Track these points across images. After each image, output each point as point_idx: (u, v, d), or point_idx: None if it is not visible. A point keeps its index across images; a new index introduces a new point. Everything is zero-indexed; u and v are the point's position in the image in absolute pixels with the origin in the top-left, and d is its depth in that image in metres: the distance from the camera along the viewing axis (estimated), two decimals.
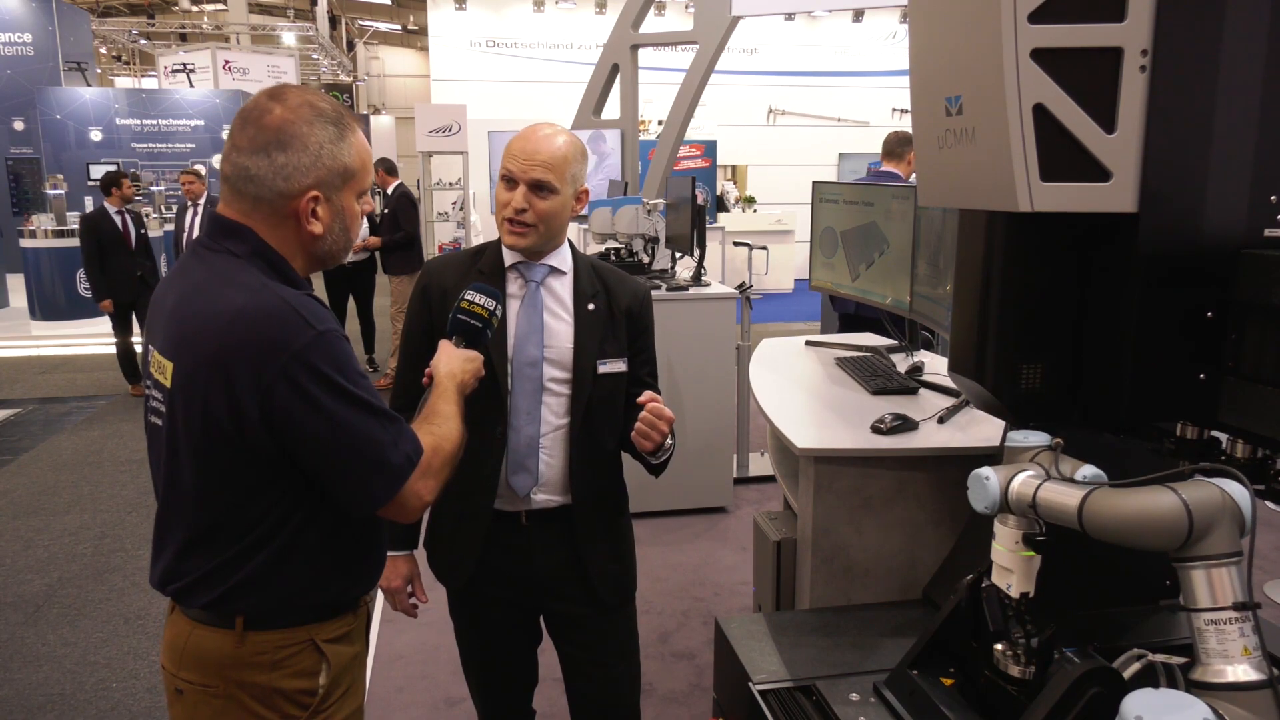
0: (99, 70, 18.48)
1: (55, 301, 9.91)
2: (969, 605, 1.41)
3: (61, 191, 10.20)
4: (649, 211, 4.46)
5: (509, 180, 1.77)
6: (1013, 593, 1.31)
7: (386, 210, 7.32)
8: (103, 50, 20.59)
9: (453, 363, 1.55)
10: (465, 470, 1.57)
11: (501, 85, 14.88)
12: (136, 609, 3.76)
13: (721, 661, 1.77)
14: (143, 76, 21.64)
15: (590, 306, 1.84)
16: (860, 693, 1.47)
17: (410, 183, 9.15)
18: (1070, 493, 1.21)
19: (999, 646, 1.33)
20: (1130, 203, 1.20)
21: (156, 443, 1.37)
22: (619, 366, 1.85)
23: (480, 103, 13.36)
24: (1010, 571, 1.31)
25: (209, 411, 1.25)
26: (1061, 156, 1.19)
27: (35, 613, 3.73)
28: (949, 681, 1.41)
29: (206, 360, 1.25)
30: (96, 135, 12.62)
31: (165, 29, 20.28)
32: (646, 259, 4.60)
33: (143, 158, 12.79)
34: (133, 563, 4.20)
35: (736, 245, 6.39)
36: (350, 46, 24.30)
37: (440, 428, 1.44)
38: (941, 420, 2.16)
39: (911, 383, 2.51)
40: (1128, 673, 1.25)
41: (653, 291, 2.36)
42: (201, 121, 13.05)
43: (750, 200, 14.04)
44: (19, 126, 13.00)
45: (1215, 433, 1.29)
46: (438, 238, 10.77)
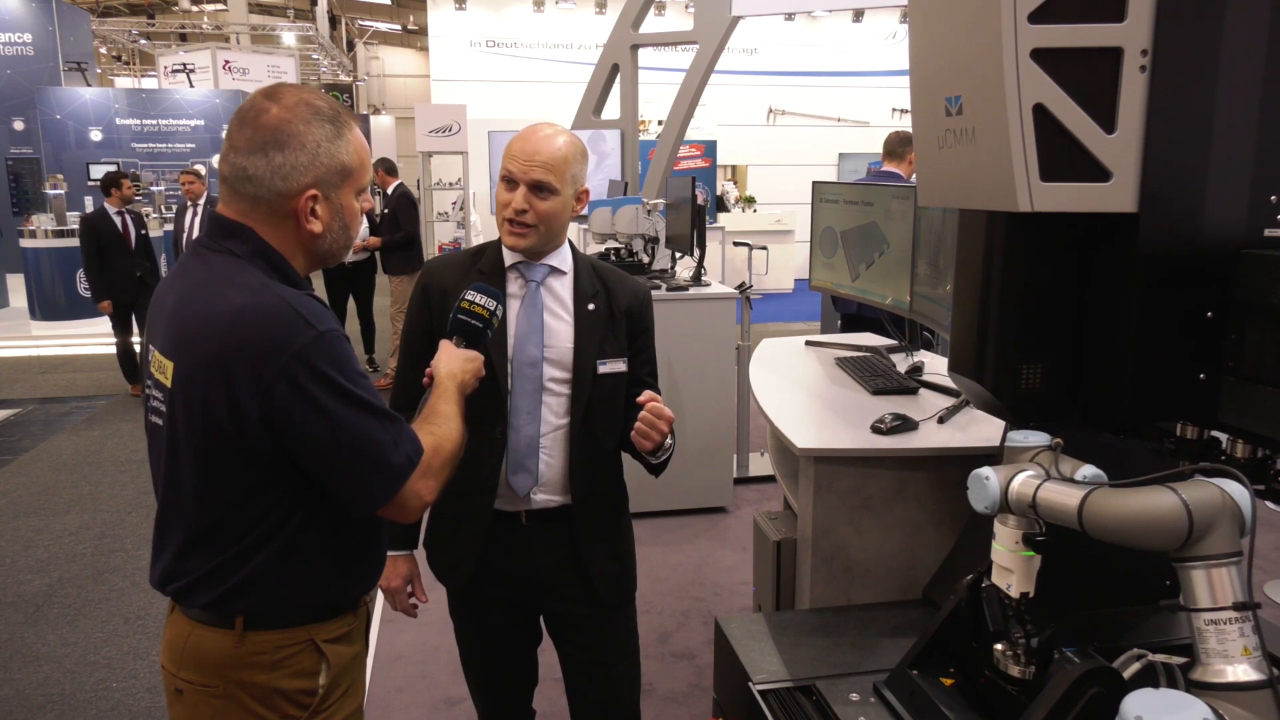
0: (99, 70, 18.48)
1: (55, 301, 9.91)
2: (969, 605, 1.41)
3: (61, 191, 10.20)
4: (649, 211, 4.46)
5: (509, 181, 1.77)
6: (1013, 593, 1.31)
7: (386, 210, 7.32)
8: (103, 50, 20.59)
9: (453, 363, 1.55)
10: (465, 470, 1.57)
11: (501, 85, 14.88)
12: (136, 609, 3.76)
13: (721, 661, 1.77)
14: (143, 76, 21.64)
15: (590, 306, 1.84)
16: (860, 693, 1.47)
17: (410, 183, 9.15)
18: (1070, 493, 1.21)
19: (999, 646, 1.33)
20: (1130, 203, 1.20)
21: (157, 443, 1.37)
22: (619, 366, 1.85)
23: (480, 103, 13.36)
24: (1010, 571, 1.31)
25: (209, 411, 1.25)
26: (1061, 156, 1.19)
27: (35, 613, 3.73)
28: (949, 681, 1.41)
29: (207, 360, 1.25)
30: (96, 135, 12.62)
31: (165, 29, 20.28)
32: (646, 259, 4.60)
33: (143, 158, 12.79)
34: (133, 563, 4.20)
35: (736, 245, 6.39)
36: (350, 46, 24.31)
37: (440, 428, 1.44)
38: (941, 420, 2.16)
39: (911, 383, 2.51)
40: (1128, 673, 1.25)
41: (653, 291, 2.36)
42: (201, 121, 13.05)
43: (750, 200, 14.04)
44: (19, 126, 13.00)
45: (1215, 433, 1.29)
46: (438, 238, 10.78)
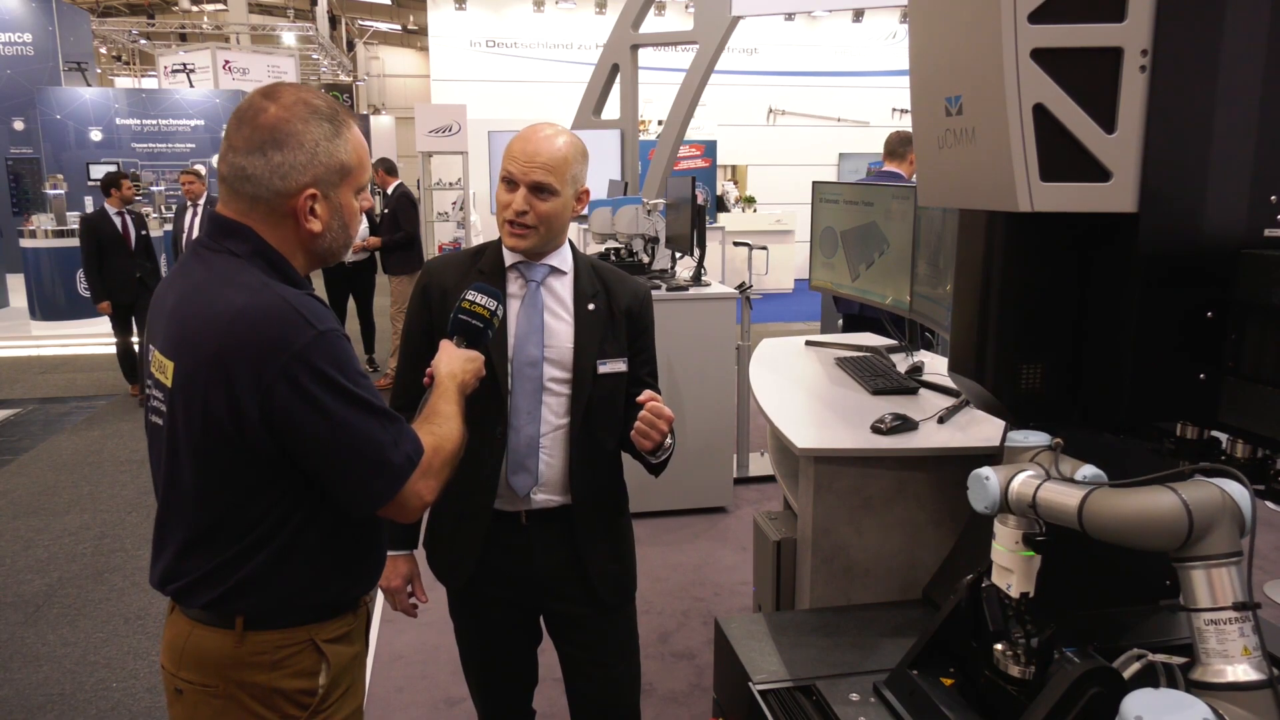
0: (99, 70, 18.48)
1: (55, 301, 9.91)
2: (969, 605, 1.40)
3: (61, 191, 10.20)
4: (649, 211, 4.46)
5: (509, 182, 1.77)
6: (1013, 593, 1.31)
7: (386, 210, 7.32)
8: (103, 50, 20.59)
9: (454, 363, 1.55)
10: (465, 470, 1.57)
11: (501, 85, 14.88)
12: (136, 609, 3.76)
13: (721, 661, 1.77)
14: (143, 76, 21.64)
15: (590, 306, 1.84)
16: (860, 693, 1.47)
17: (410, 183, 9.15)
18: (1070, 493, 1.21)
19: (999, 646, 1.33)
20: (1130, 203, 1.20)
21: (157, 442, 1.37)
22: (619, 366, 1.85)
23: (480, 103, 13.36)
24: (1010, 571, 1.31)
25: (209, 411, 1.25)
26: (1061, 156, 1.19)
27: (35, 613, 3.73)
28: (949, 681, 1.41)
29: (207, 360, 1.25)
30: (96, 135, 12.62)
31: (165, 29, 20.28)
32: (646, 259, 4.60)
33: (143, 158, 12.79)
34: (133, 563, 4.20)
35: (736, 245, 6.39)
36: (350, 46, 24.31)
37: (441, 428, 1.44)
38: (941, 420, 2.16)
39: (911, 383, 2.51)
40: (1128, 673, 1.25)
41: (653, 291, 2.36)
42: (201, 121, 13.05)
43: (750, 200, 14.04)
44: (19, 126, 13.00)
45: (1215, 433, 1.29)
46: (438, 238, 10.78)
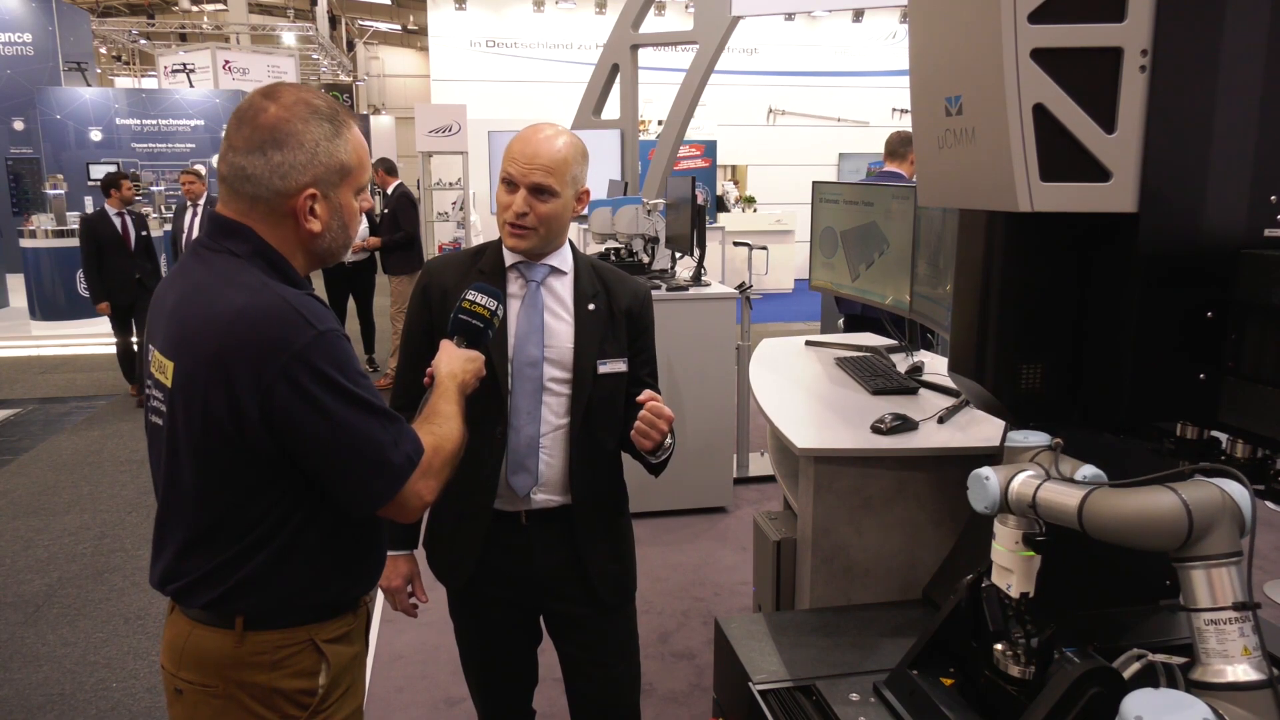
0: (99, 70, 18.48)
1: (55, 301, 9.91)
2: (969, 605, 1.41)
3: (61, 191, 10.19)
4: (649, 211, 4.46)
5: (509, 183, 1.77)
6: (1013, 593, 1.31)
7: (386, 210, 7.32)
8: (103, 50, 20.59)
9: (454, 362, 1.55)
10: (465, 470, 1.57)
11: (501, 85, 14.88)
12: (136, 609, 3.76)
13: (721, 661, 1.77)
14: (143, 76, 21.64)
15: (590, 306, 1.84)
16: (860, 693, 1.47)
17: (410, 183, 9.15)
18: (1070, 493, 1.21)
19: (999, 646, 1.33)
20: (1130, 203, 1.20)
21: (157, 442, 1.37)
22: (619, 366, 1.85)
23: (480, 103, 13.36)
24: (1010, 571, 1.31)
25: (209, 411, 1.25)
26: (1061, 156, 1.19)
27: (35, 613, 3.73)
28: (949, 681, 1.41)
29: (207, 360, 1.25)
30: (96, 135, 12.61)
31: (165, 29, 20.27)
32: (646, 259, 4.60)
33: (143, 158, 12.78)
34: (133, 563, 4.20)
35: (736, 245, 6.39)
36: (350, 46, 24.30)
37: (441, 428, 1.44)
38: (941, 420, 2.16)
39: (911, 383, 2.51)
40: (1128, 673, 1.25)
41: (653, 291, 2.36)
42: (201, 121, 13.05)
43: (750, 200, 14.04)
44: (19, 126, 12.99)
45: (1215, 433, 1.29)
46: (438, 238, 10.78)
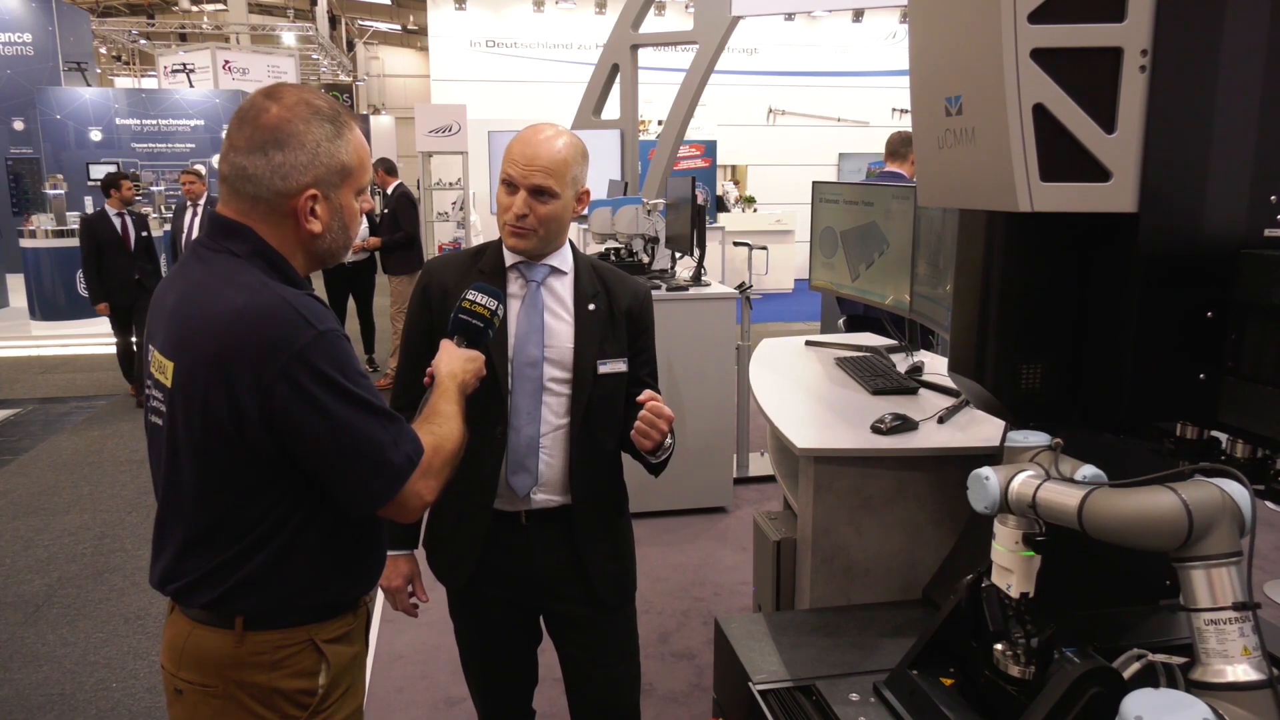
0: (99, 70, 18.48)
1: (55, 301, 9.90)
2: (969, 605, 1.41)
3: (61, 191, 10.19)
4: (649, 211, 4.46)
5: (509, 184, 1.76)
6: (1013, 593, 1.31)
7: (386, 210, 7.32)
8: (103, 50, 20.59)
9: (454, 362, 1.55)
10: (465, 470, 1.57)
11: (501, 85, 14.88)
12: (136, 609, 3.76)
13: (721, 661, 1.77)
14: (143, 76, 21.64)
15: (591, 307, 1.84)
16: (860, 693, 1.47)
17: (410, 183, 9.15)
18: (1070, 493, 1.21)
19: (999, 646, 1.33)
20: (1130, 203, 1.20)
21: (156, 442, 1.37)
22: (619, 367, 1.85)
23: (480, 103, 13.36)
24: (1010, 571, 1.31)
25: (209, 411, 1.25)
26: (1061, 156, 1.19)
27: (35, 613, 3.73)
28: (949, 681, 1.41)
29: (207, 360, 1.25)
30: (96, 135, 12.61)
31: (165, 29, 20.27)
32: (646, 259, 4.60)
33: (143, 158, 12.78)
34: (133, 563, 4.20)
35: (736, 245, 6.39)
36: (350, 46, 24.30)
37: (441, 427, 1.44)
38: (941, 420, 2.16)
39: (911, 383, 2.51)
40: (1128, 673, 1.25)
41: (653, 291, 2.36)
42: (201, 121, 13.04)
43: (750, 200, 14.04)
44: (19, 126, 12.99)
45: (1215, 433, 1.29)
46: (438, 238, 10.78)
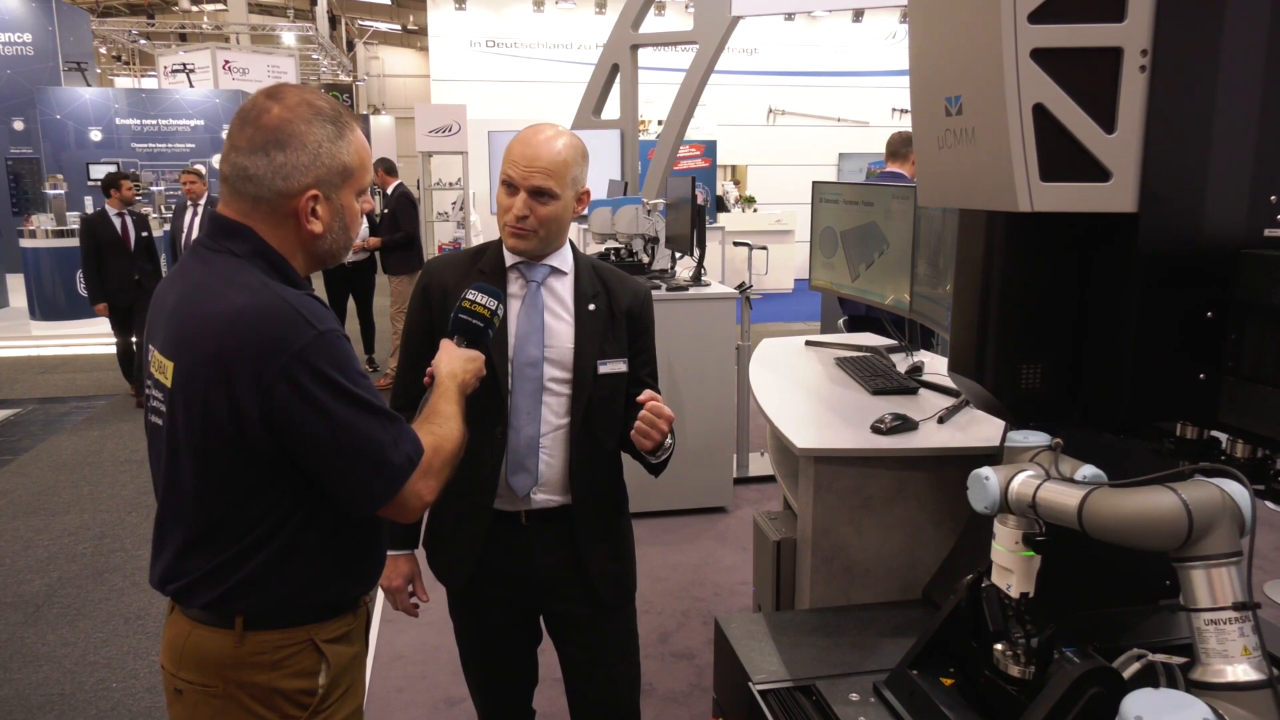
0: (99, 70, 18.48)
1: (55, 301, 9.90)
2: (969, 605, 1.41)
3: (61, 191, 10.19)
4: (649, 211, 4.46)
5: (509, 185, 1.76)
6: (1013, 593, 1.31)
7: (386, 210, 7.32)
8: (103, 50, 20.59)
9: (454, 362, 1.55)
10: (465, 470, 1.57)
11: (501, 85, 14.88)
12: (136, 609, 3.76)
13: (721, 661, 1.77)
14: (143, 76, 21.63)
15: (591, 307, 1.84)
16: (860, 693, 1.47)
17: (410, 183, 9.15)
18: (1070, 493, 1.21)
19: (999, 646, 1.33)
20: (1130, 203, 1.20)
21: (156, 442, 1.37)
22: (619, 367, 1.85)
23: (480, 103, 13.36)
24: (1010, 571, 1.31)
25: (209, 411, 1.25)
26: (1061, 156, 1.19)
27: (35, 613, 3.73)
28: (949, 681, 1.41)
29: (207, 360, 1.25)
30: (96, 135, 12.61)
31: (165, 29, 20.27)
32: (646, 259, 4.60)
33: (142, 158, 12.78)
34: (133, 563, 4.20)
35: (736, 245, 6.39)
36: (350, 46, 24.30)
37: (441, 427, 1.44)
38: (941, 420, 2.16)
39: (911, 383, 2.51)
40: (1128, 673, 1.25)
41: (653, 291, 2.36)
42: (201, 121, 13.04)
43: (750, 200, 14.04)
44: (19, 126, 12.98)
45: (1215, 433, 1.29)
46: (438, 238, 10.78)
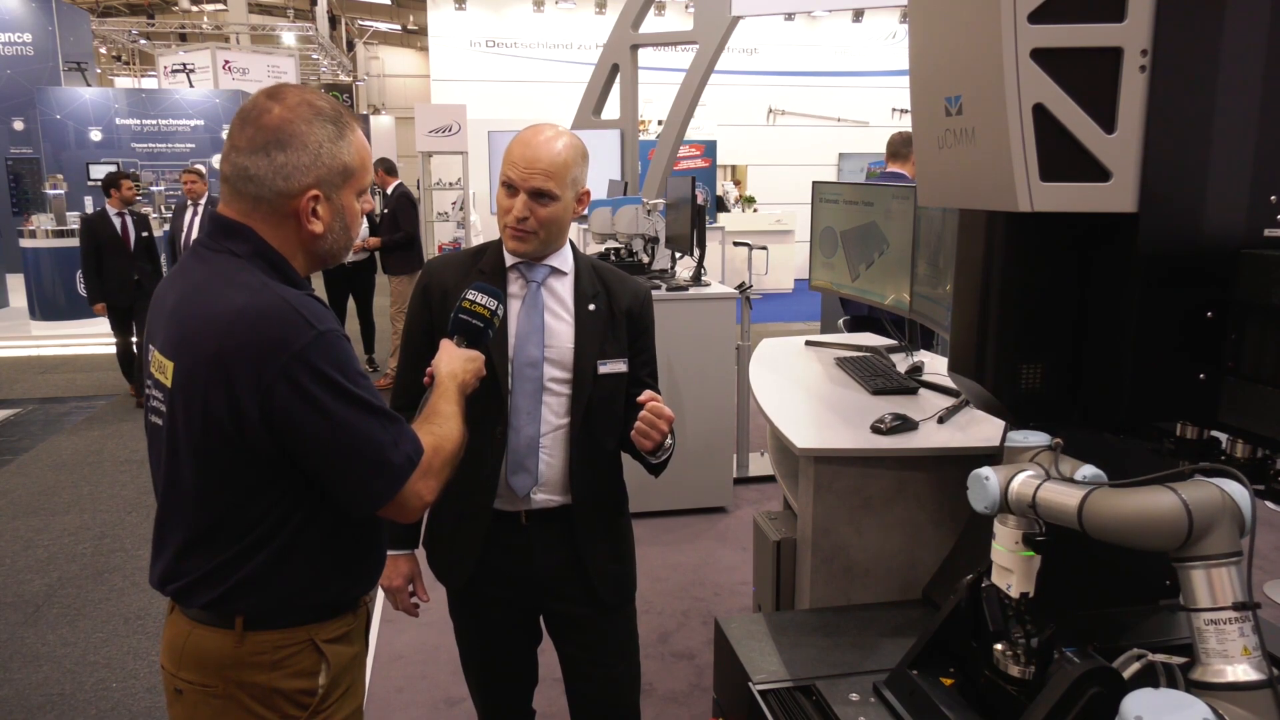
0: (99, 70, 18.47)
1: (55, 301, 9.90)
2: (969, 605, 1.41)
3: (61, 191, 10.19)
4: (649, 211, 4.46)
5: (509, 186, 1.76)
6: (1013, 593, 1.31)
7: (386, 210, 7.32)
8: (103, 50, 20.58)
9: (454, 362, 1.55)
10: (465, 470, 1.57)
11: (501, 85, 14.88)
12: (136, 609, 3.76)
13: (721, 661, 1.77)
14: (143, 76, 21.63)
15: (591, 307, 1.84)
16: (860, 693, 1.47)
17: (410, 183, 9.15)
18: (1070, 493, 1.21)
19: (999, 646, 1.33)
20: (1130, 203, 1.20)
21: (156, 442, 1.37)
22: (619, 367, 1.85)
23: (480, 103, 13.36)
24: (1010, 571, 1.31)
25: (209, 411, 1.25)
26: (1061, 156, 1.19)
27: (35, 613, 3.73)
28: (949, 681, 1.41)
29: (207, 360, 1.25)
30: (96, 135, 12.61)
31: (165, 29, 20.27)
32: (646, 259, 4.60)
33: (142, 158, 12.78)
34: (133, 563, 4.20)
35: (736, 245, 6.39)
36: (350, 46, 24.30)
37: (441, 427, 1.44)
38: (941, 420, 2.16)
39: (911, 383, 2.51)
40: (1128, 673, 1.25)
41: (653, 292, 2.36)
42: (201, 121, 13.04)
43: (750, 200, 14.04)
44: (19, 126, 12.99)
45: (1215, 433, 1.29)
46: (438, 238, 10.78)
